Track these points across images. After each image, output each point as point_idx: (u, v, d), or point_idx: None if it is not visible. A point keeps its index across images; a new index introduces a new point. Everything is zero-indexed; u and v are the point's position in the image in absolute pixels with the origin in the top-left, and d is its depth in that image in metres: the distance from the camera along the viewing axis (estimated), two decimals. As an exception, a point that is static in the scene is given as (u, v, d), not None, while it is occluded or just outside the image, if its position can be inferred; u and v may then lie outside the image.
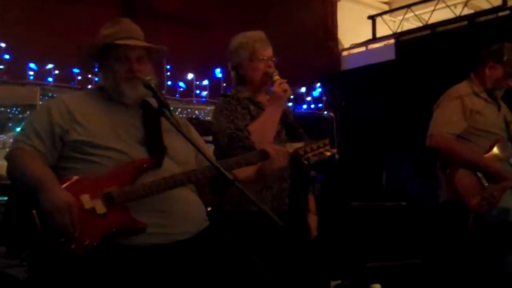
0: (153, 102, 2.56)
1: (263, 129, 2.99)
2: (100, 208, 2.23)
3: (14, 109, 8.34)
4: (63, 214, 2.15)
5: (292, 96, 3.08)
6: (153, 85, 2.43)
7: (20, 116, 5.30)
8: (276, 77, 3.07)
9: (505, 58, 3.73)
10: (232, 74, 3.27)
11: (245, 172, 2.62)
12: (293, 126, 3.25)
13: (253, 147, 2.87)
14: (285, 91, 3.03)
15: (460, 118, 3.67)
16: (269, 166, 2.60)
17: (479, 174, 3.60)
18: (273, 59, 3.18)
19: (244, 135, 2.97)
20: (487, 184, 3.60)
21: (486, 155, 3.68)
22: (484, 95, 3.79)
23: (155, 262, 2.26)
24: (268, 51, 3.17)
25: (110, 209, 2.24)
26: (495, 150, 3.69)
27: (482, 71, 3.81)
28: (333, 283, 5.00)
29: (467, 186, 3.58)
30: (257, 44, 3.15)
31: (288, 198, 3.14)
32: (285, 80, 3.06)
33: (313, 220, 3.36)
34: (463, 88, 3.82)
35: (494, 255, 3.60)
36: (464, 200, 3.55)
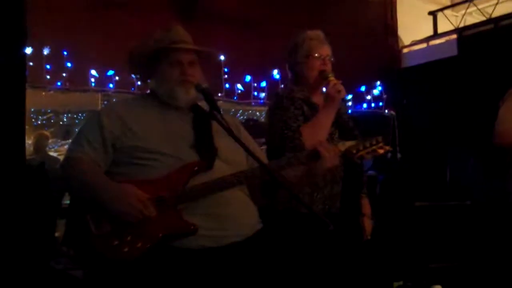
0: (203, 105, 2.59)
1: (315, 131, 2.95)
2: (152, 211, 2.26)
3: (80, 114, 8.61)
4: (131, 199, 2.22)
5: (347, 97, 3.03)
6: (204, 89, 2.45)
7: (86, 121, 5.43)
8: (331, 78, 3.03)
9: None
10: (289, 73, 3.26)
11: (296, 171, 2.60)
12: (347, 127, 3.21)
13: (304, 148, 2.84)
14: (339, 92, 2.98)
15: None
16: (320, 166, 2.57)
17: None
18: (331, 59, 3.14)
19: (296, 136, 2.95)
20: None
21: None
22: None
23: (208, 265, 2.27)
24: (325, 50, 3.13)
25: (162, 212, 2.27)
26: None
27: None
28: (395, 284, 4.91)
29: None
30: (313, 42, 3.12)
31: (339, 202, 3.11)
32: (340, 81, 3.01)
33: (367, 223, 3.30)
34: None
35: None
36: None
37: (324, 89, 3.13)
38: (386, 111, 7.01)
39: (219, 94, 5.86)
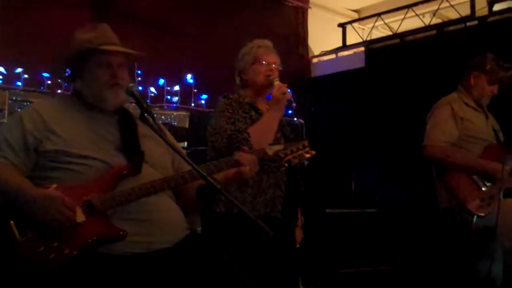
0: (129, 107, 2.55)
1: (262, 132, 3.06)
2: (80, 216, 2.19)
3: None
4: (58, 206, 2.13)
5: (292, 103, 3.16)
6: (136, 92, 2.41)
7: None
8: (276, 82, 3.18)
9: (488, 67, 3.91)
10: (237, 79, 3.37)
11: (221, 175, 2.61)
12: (290, 137, 3.35)
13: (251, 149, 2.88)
14: (284, 94, 3.11)
15: (452, 125, 3.82)
16: (240, 174, 2.58)
17: (475, 177, 3.69)
18: (278, 67, 3.29)
19: (244, 137, 3.03)
20: (484, 186, 3.70)
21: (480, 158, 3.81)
22: (472, 104, 3.96)
23: (135, 272, 2.23)
24: (271, 57, 3.29)
25: (90, 218, 2.21)
26: (487, 153, 3.83)
27: (468, 81, 3.99)
28: (304, 290, 5.00)
29: (465, 190, 3.68)
30: (260, 49, 3.29)
31: (281, 205, 3.20)
32: (285, 84, 3.15)
33: (298, 233, 3.39)
34: (451, 97, 3.99)
35: (468, 259, 3.67)
36: (465, 204, 3.62)
37: (268, 97, 3.28)
38: (295, 119, 7.12)
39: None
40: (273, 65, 3.26)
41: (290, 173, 3.21)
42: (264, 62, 3.24)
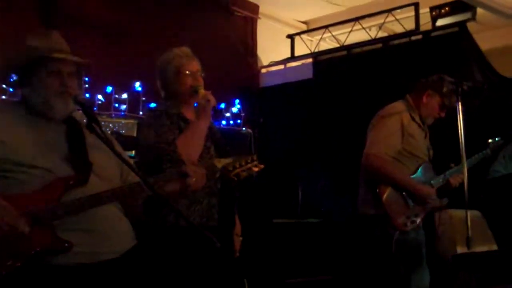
0: (77, 116, 2.52)
1: (191, 142, 3.01)
2: (23, 227, 2.15)
3: None
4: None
5: (216, 107, 3.12)
6: (83, 101, 2.38)
7: None
8: (201, 90, 3.11)
9: (444, 89, 3.86)
10: (162, 92, 3.29)
11: (172, 187, 2.61)
12: (221, 144, 3.28)
13: (180, 160, 2.85)
14: (208, 101, 3.06)
15: (398, 139, 3.81)
16: (188, 185, 2.59)
17: (405, 194, 3.75)
18: (201, 73, 3.21)
19: (172, 148, 2.95)
20: (412, 204, 3.75)
21: (412, 177, 3.86)
22: (418, 119, 3.94)
23: (81, 283, 2.21)
24: (194, 66, 3.20)
25: (34, 228, 2.17)
26: (419, 172, 3.88)
27: (419, 97, 3.95)
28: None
29: (394, 205, 3.73)
30: (182, 59, 3.19)
31: (217, 214, 3.16)
32: (209, 92, 3.10)
33: (237, 241, 3.38)
34: (400, 106, 3.95)
35: (404, 272, 3.73)
36: (391, 218, 3.68)
37: (195, 105, 3.19)
38: (244, 128, 7.14)
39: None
40: (197, 73, 3.20)
41: (224, 179, 3.18)
42: (187, 72, 3.16)
